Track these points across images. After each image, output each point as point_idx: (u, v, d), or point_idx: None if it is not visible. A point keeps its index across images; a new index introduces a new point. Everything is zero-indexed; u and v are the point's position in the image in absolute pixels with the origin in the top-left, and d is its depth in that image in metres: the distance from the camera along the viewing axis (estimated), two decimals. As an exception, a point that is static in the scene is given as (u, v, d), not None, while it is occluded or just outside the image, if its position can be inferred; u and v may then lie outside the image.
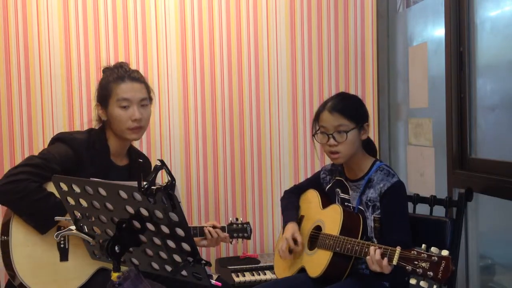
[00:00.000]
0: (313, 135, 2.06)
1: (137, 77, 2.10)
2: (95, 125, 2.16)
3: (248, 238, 2.27)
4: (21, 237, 1.92)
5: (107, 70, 2.13)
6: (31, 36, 2.71)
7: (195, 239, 2.13)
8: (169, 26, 2.86)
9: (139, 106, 2.06)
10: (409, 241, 1.90)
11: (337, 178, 2.14)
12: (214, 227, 2.16)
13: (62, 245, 1.97)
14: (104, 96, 2.07)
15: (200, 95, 2.92)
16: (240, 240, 2.27)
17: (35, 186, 1.89)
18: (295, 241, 2.05)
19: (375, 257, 1.68)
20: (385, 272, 1.68)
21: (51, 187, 1.93)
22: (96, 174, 1.85)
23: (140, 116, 2.05)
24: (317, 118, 2.04)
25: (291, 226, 2.10)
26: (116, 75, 2.07)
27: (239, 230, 2.25)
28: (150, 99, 2.15)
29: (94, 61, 2.76)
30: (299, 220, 2.17)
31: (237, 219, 2.28)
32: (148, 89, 2.13)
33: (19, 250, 1.91)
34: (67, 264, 1.96)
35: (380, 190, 1.94)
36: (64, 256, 1.96)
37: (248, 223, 2.28)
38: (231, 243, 2.25)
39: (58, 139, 2.04)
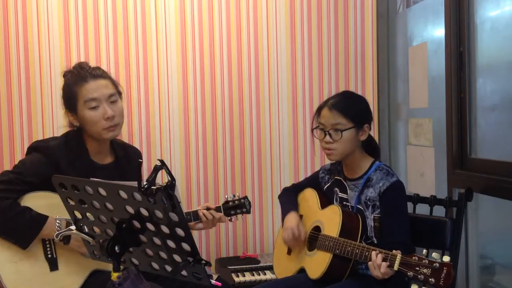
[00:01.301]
0: (312, 130, 2.07)
1: (99, 74, 2.01)
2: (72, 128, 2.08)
3: (248, 212, 2.16)
4: (5, 255, 1.88)
5: (67, 74, 2.04)
6: (31, 36, 2.71)
7: (190, 224, 2.07)
8: (169, 26, 2.86)
9: (108, 103, 1.98)
10: (409, 241, 1.90)
11: (336, 177, 2.14)
12: (208, 208, 2.09)
13: (49, 256, 1.93)
14: (70, 101, 2.00)
15: (200, 95, 2.92)
16: (240, 216, 2.17)
17: (8, 204, 1.86)
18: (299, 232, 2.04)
19: (377, 262, 1.67)
20: (386, 277, 1.67)
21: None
22: (79, 176, 1.81)
23: (113, 113, 1.97)
24: (318, 113, 2.04)
25: (293, 216, 2.09)
26: (77, 77, 1.99)
27: (237, 207, 2.15)
28: (119, 93, 2.06)
29: (94, 61, 2.76)
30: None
31: (234, 196, 2.17)
32: (114, 83, 2.05)
33: (6, 267, 1.87)
34: (59, 273, 1.93)
35: (379, 190, 1.94)
36: (53, 265, 1.93)
37: (245, 197, 2.18)
38: (230, 221, 2.16)
39: (33, 148, 1.99)
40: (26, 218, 1.87)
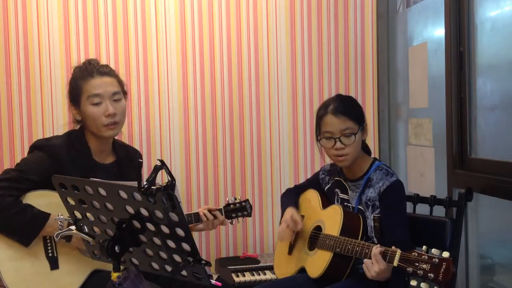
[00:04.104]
0: (317, 141, 2.03)
1: (106, 71, 2.02)
2: (74, 126, 2.10)
3: (249, 215, 2.18)
4: (6, 253, 1.88)
5: (76, 68, 2.06)
6: (31, 36, 2.71)
7: (190, 225, 2.07)
8: (169, 26, 2.86)
9: (111, 101, 1.99)
10: (408, 240, 1.90)
11: (336, 178, 2.13)
12: (209, 210, 2.10)
13: (50, 254, 1.94)
14: (74, 95, 2.02)
15: (200, 95, 2.92)
16: (241, 219, 2.18)
17: (11, 201, 1.86)
18: (294, 222, 2.03)
19: (377, 257, 1.67)
20: (383, 275, 1.67)
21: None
22: (81, 176, 1.81)
23: (114, 111, 1.98)
24: (319, 122, 2.01)
25: (289, 210, 2.08)
26: (85, 72, 2.01)
27: (238, 210, 2.16)
28: (124, 93, 2.08)
29: (94, 61, 2.76)
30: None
31: (235, 199, 2.19)
32: (120, 82, 2.06)
33: (6, 265, 1.87)
34: (59, 272, 1.93)
35: (379, 190, 1.94)
36: (54, 264, 1.93)
37: (247, 200, 2.19)
38: (231, 223, 2.18)
39: (35, 147, 2.00)
40: (28, 216, 1.87)
